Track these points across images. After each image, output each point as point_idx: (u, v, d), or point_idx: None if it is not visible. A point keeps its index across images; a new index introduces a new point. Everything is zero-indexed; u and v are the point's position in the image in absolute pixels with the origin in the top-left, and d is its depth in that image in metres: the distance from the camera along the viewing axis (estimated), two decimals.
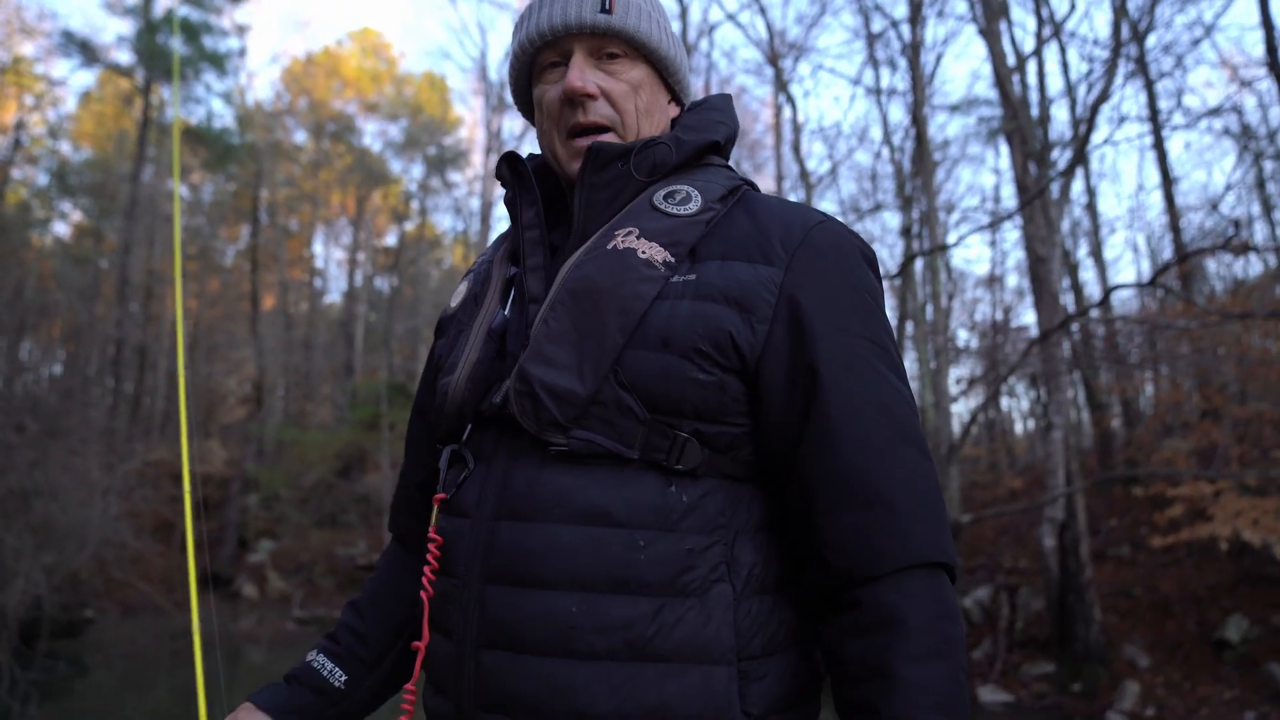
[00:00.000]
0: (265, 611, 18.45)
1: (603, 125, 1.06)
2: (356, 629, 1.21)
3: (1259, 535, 7.30)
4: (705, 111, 1.13)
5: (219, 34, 19.51)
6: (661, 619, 0.89)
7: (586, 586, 0.89)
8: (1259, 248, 11.22)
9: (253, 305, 24.96)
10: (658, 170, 1.05)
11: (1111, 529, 11.90)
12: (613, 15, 1.05)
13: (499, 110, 20.06)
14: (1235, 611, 8.69)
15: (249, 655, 15.71)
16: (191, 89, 19.64)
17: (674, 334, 0.93)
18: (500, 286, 1.09)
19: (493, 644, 0.92)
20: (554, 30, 1.06)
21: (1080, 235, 18.58)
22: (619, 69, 1.08)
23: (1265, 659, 7.98)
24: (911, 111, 8.97)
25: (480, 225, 20.36)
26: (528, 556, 0.92)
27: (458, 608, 0.95)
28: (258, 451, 22.95)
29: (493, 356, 1.03)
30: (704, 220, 1.01)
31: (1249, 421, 10.47)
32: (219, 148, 21.01)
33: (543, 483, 0.94)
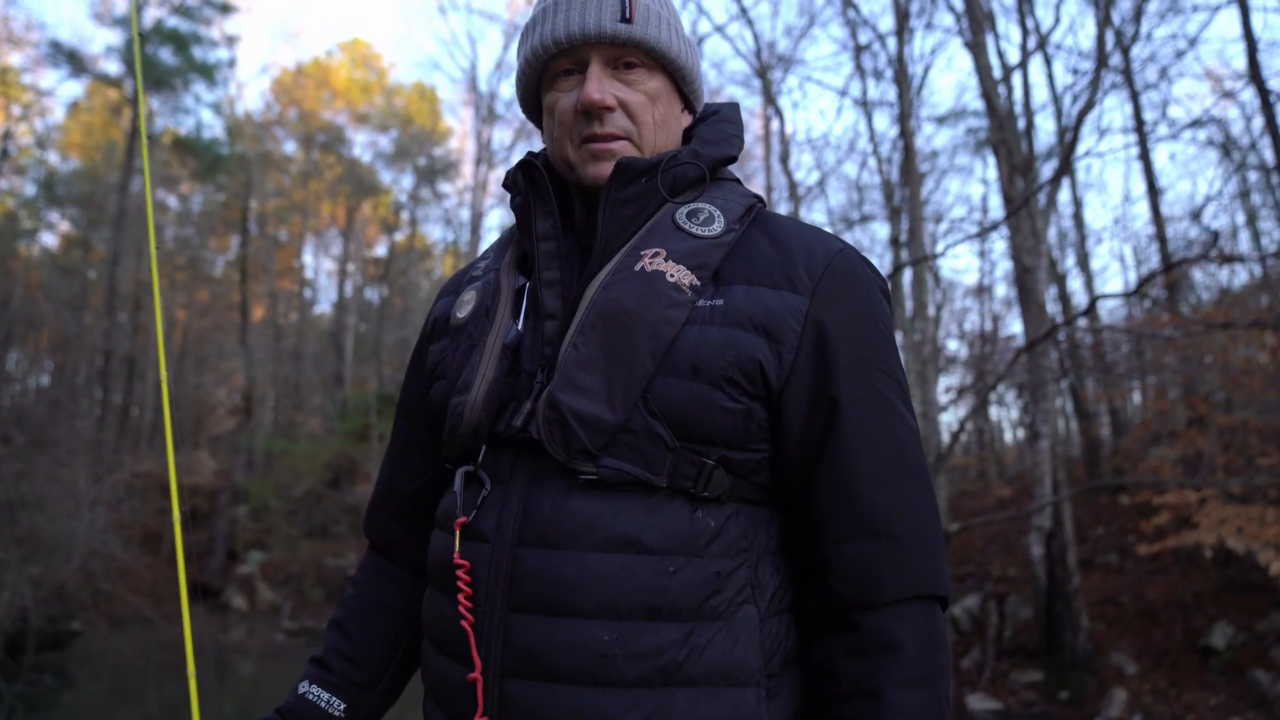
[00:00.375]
0: (255, 623, 18.35)
1: (618, 136, 1.04)
2: (346, 652, 1.18)
3: (1243, 543, 7.37)
4: (719, 124, 1.13)
5: (208, 45, 19.52)
6: (691, 643, 0.89)
7: (619, 614, 0.89)
8: (1240, 257, 11.35)
9: (242, 316, 24.90)
10: (679, 185, 1.04)
11: (1099, 537, 11.97)
12: (633, 25, 1.02)
13: (489, 121, 20.11)
14: (1221, 618, 8.75)
15: (238, 667, 15.62)
16: (180, 99, 19.64)
17: (704, 362, 0.93)
18: (511, 298, 1.06)
19: (518, 673, 0.90)
20: (570, 38, 1.02)
21: (1068, 245, 18.74)
22: (637, 79, 1.05)
23: (1250, 665, 8.04)
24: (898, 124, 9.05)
25: (470, 236, 20.37)
26: (559, 585, 0.90)
27: (479, 637, 0.93)
28: (247, 462, 22.85)
29: (507, 374, 1.01)
30: (726, 242, 1.00)
31: (1234, 430, 10.56)
32: (208, 158, 20.99)
33: (571, 511, 0.92)
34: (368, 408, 18.58)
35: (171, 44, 18.55)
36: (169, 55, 18.68)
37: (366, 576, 1.24)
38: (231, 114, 24.38)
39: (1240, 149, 18.71)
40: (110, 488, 14.65)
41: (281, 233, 29.60)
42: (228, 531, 20.47)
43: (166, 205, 26.59)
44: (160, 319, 1.24)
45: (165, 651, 15.49)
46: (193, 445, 23.95)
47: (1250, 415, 10.31)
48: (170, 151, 21.82)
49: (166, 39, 18.36)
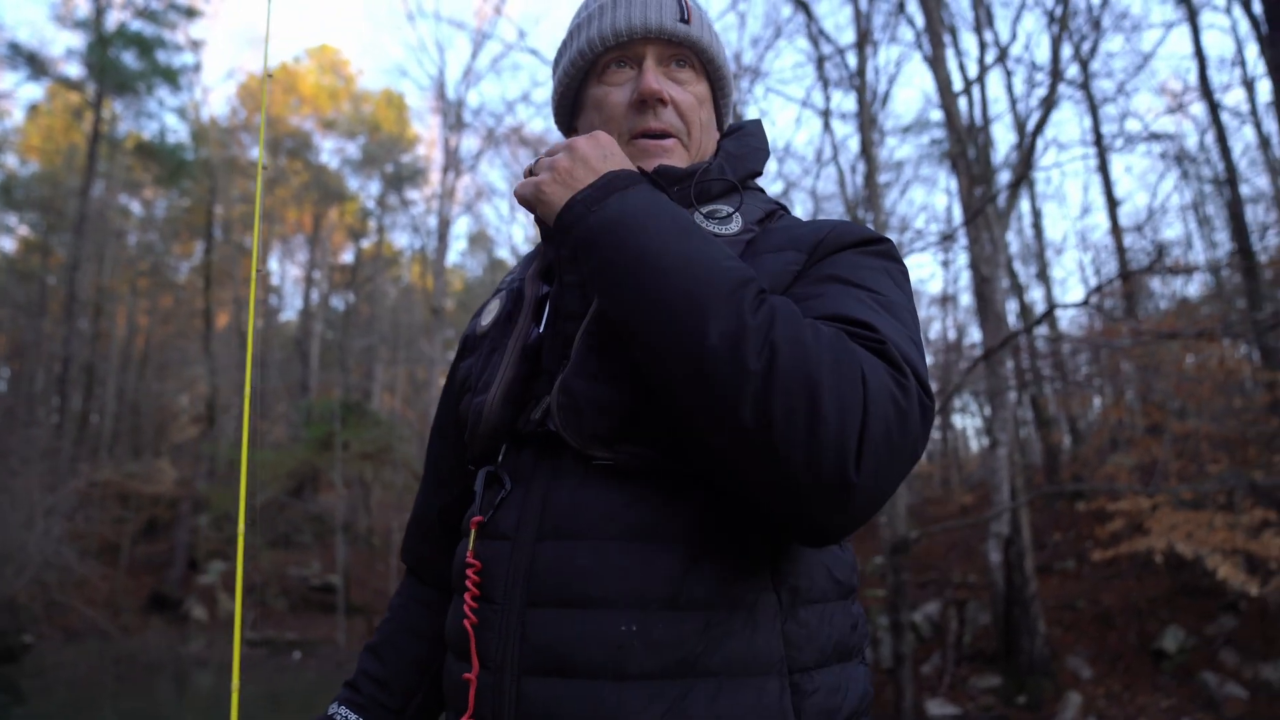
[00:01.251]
0: (215, 634, 18.05)
1: (669, 133, 1.06)
2: (376, 675, 1.16)
3: (1191, 548, 7.52)
4: (745, 138, 1.14)
5: (173, 49, 19.30)
6: (711, 633, 0.86)
7: (639, 604, 0.86)
8: (1183, 268, 11.61)
9: (206, 322, 24.57)
10: (704, 197, 1.05)
11: (1057, 543, 12.16)
12: (690, 26, 1.06)
13: (456, 129, 20.06)
14: (1172, 623, 8.92)
15: (198, 679, 15.35)
16: (144, 104, 19.39)
17: None
18: (533, 304, 1.07)
19: (536, 670, 0.88)
20: (631, 31, 1.04)
21: (1030, 256, 19.06)
22: (687, 79, 1.08)
23: (1200, 668, 8.20)
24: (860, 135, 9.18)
25: (438, 243, 20.29)
26: (576, 576, 0.88)
27: (496, 635, 0.91)
28: (209, 471, 22.52)
29: (528, 375, 1.01)
30: (744, 240, 1.01)
31: (1187, 437, 10.78)
32: (172, 163, 20.72)
33: (588, 499, 0.91)
34: (332, 415, 18.39)
35: (135, 47, 18.31)
36: (132, 59, 18.42)
37: (401, 601, 1.24)
38: (196, 119, 24.12)
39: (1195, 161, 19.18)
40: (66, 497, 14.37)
41: (247, 239, 29.29)
42: (189, 541, 20.14)
43: (130, 210, 26.23)
44: (250, 353, 1.24)
45: (121, 665, 15.20)
46: (154, 453, 23.58)
47: (1202, 423, 10.54)
48: (133, 156, 21.53)
49: (130, 42, 18.12)
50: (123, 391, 25.44)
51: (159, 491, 21.61)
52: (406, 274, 30.50)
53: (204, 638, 17.81)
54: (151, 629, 17.83)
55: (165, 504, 21.36)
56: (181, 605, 18.83)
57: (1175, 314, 13.59)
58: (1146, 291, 20.27)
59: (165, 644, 17.19)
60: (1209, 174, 18.50)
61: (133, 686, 14.03)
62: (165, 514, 21.17)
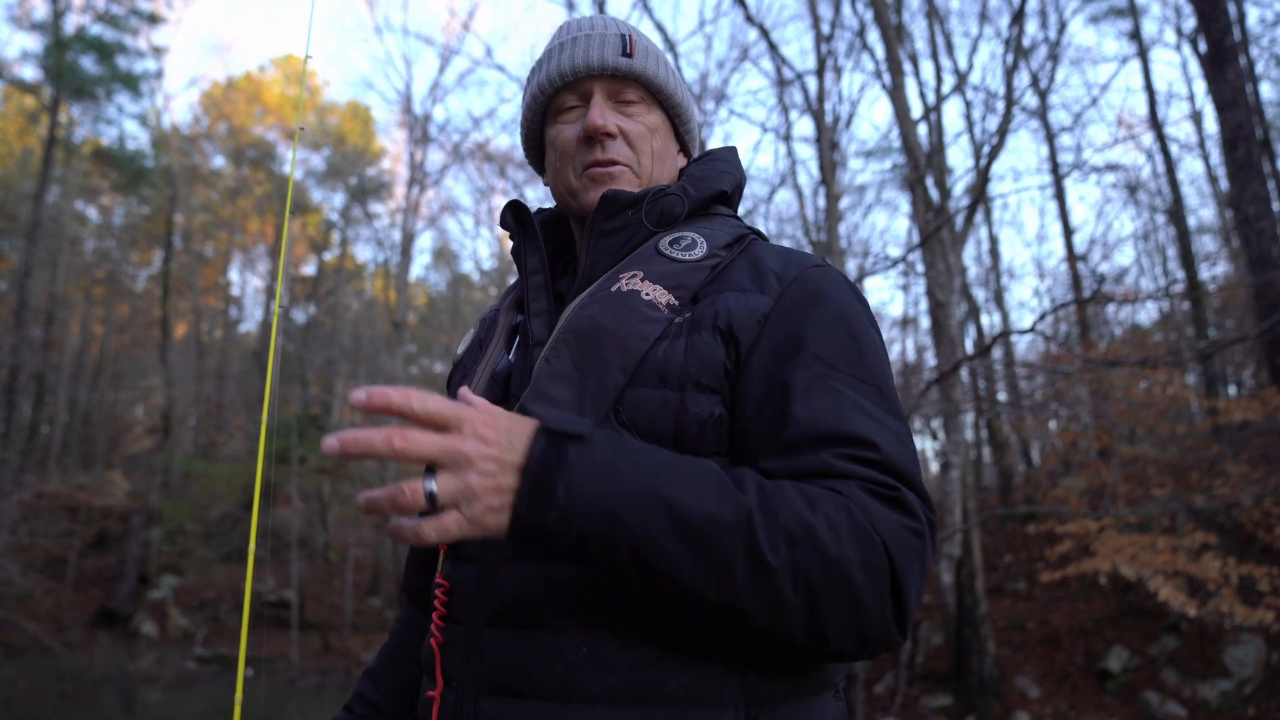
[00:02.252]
0: (165, 650, 17.66)
1: (618, 162, 1.08)
2: (370, 698, 1.21)
3: (1135, 570, 7.70)
4: (712, 162, 1.15)
5: (134, 55, 19.05)
6: (666, 662, 0.86)
7: (589, 625, 0.87)
8: (1119, 298, 11.94)
9: (163, 332, 24.15)
10: (665, 219, 1.06)
11: (1009, 565, 12.35)
12: (634, 59, 1.09)
13: (422, 143, 20.02)
14: (1117, 643, 9.10)
15: (146, 697, 15.00)
16: (103, 109, 19.11)
17: (670, 369, 0.93)
18: (505, 332, 1.10)
19: (491, 689, 0.89)
20: (575, 71, 1.09)
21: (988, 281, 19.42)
22: (636, 112, 1.11)
23: (1142, 687, 8.38)
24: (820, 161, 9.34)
25: (401, 257, 20.19)
26: (529, 596, 0.90)
27: (459, 654, 0.93)
28: (163, 484, 22.09)
29: (496, 400, 1.02)
30: (708, 265, 1.01)
31: (1134, 462, 11.04)
32: (131, 170, 20.40)
33: None
34: (290, 429, 18.16)
35: (94, 52, 18.05)
36: (91, 64, 18.16)
37: (398, 628, 1.27)
38: (158, 126, 23.81)
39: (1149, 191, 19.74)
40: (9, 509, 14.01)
41: (208, 249, 28.89)
42: (140, 555, 19.72)
43: (86, 216, 25.77)
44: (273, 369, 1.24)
45: (65, 682, 14.82)
46: (105, 465, 23.08)
47: (1149, 448, 10.80)
48: (91, 162, 21.18)
49: (89, 47, 17.87)
50: (74, 401, 24.90)
51: (110, 504, 21.16)
52: (369, 288, 30.27)
53: (154, 654, 17.41)
54: (98, 645, 17.40)
55: (116, 517, 20.91)
56: (131, 620, 18.40)
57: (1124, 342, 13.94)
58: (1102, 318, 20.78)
59: (112, 660, 16.78)
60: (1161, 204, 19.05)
61: (77, 704, 13.67)
62: (116, 527, 20.73)
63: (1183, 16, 15.80)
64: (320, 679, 16.36)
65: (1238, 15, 14.34)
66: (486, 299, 28.11)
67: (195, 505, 20.40)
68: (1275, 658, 7.97)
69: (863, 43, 9.99)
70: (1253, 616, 7.20)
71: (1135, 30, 15.23)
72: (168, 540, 20.38)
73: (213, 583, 19.79)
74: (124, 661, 16.84)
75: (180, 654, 17.49)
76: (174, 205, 24.19)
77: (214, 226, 27.93)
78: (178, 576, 19.76)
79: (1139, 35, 15.18)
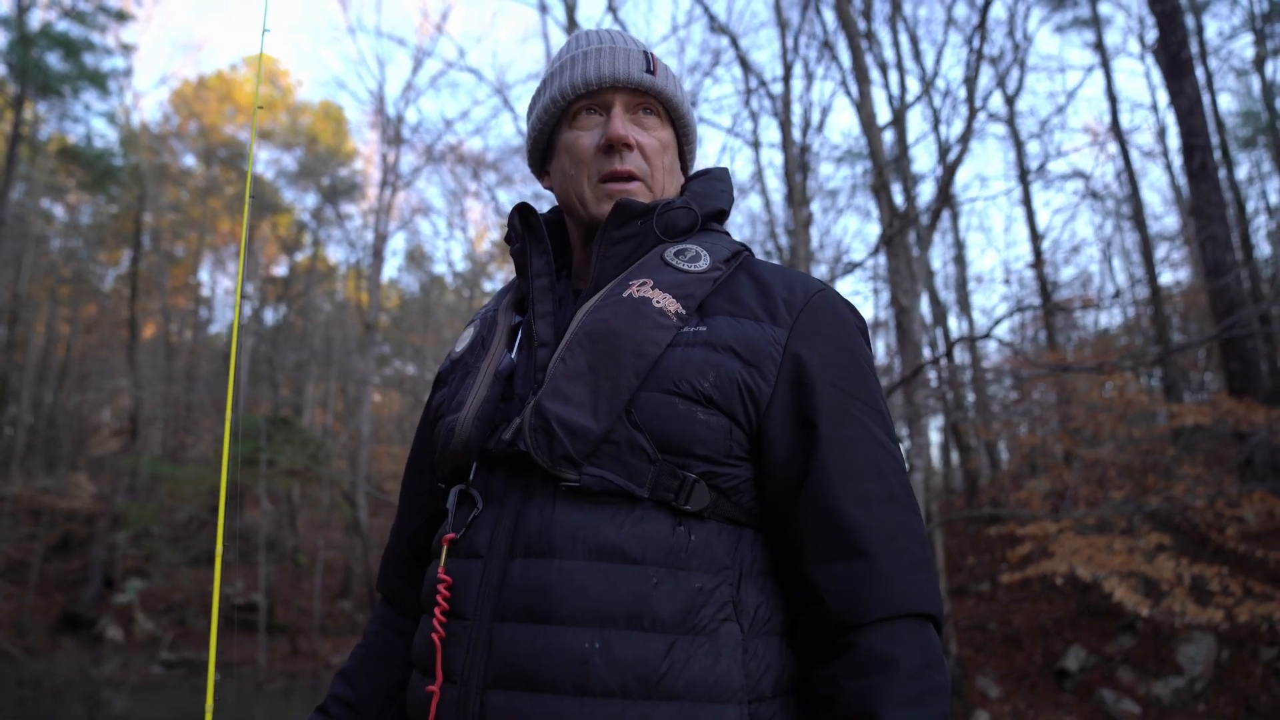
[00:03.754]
0: (131, 655, 17.44)
1: (634, 175, 1.11)
2: (346, 699, 1.20)
3: (1090, 571, 7.85)
4: (711, 181, 1.19)
5: (101, 52, 18.83)
6: (673, 656, 0.89)
7: (601, 622, 0.90)
8: (1071, 305, 12.16)
9: (131, 333, 23.85)
10: (671, 230, 1.10)
11: (972, 566, 12.52)
12: (655, 77, 1.14)
13: (395, 144, 19.95)
14: (1075, 642, 9.27)
15: (111, 703, 14.81)
16: (69, 107, 18.87)
17: (686, 378, 0.97)
18: (506, 333, 1.12)
19: (500, 683, 0.91)
20: (600, 81, 1.12)
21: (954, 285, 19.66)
22: (652, 126, 1.15)
23: (1098, 686, 8.54)
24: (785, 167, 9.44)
25: (373, 259, 20.10)
26: (542, 592, 0.92)
27: (463, 649, 0.94)
28: (130, 486, 21.80)
29: (500, 397, 1.05)
30: (711, 278, 1.06)
31: (1094, 465, 11.24)
32: (98, 168, 20.15)
33: (556, 520, 0.95)
34: (258, 431, 18.00)
35: (61, 49, 17.82)
36: (57, 60, 17.93)
37: (374, 628, 1.27)
38: (126, 124, 23.52)
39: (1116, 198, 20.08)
40: None
41: (178, 248, 28.58)
42: (105, 558, 19.45)
43: (52, 215, 25.40)
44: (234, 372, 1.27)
45: (26, 688, 14.61)
46: (70, 467, 22.76)
47: (1108, 451, 10.99)
48: (57, 160, 20.90)
49: (55, 43, 17.64)
50: (39, 403, 24.53)
51: (74, 507, 20.85)
52: (341, 289, 30.07)
53: (119, 659, 17.20)
54: (61, 650, 17.16)
55: (81, 520, 20.61)
56: (95, 625, 18.15)
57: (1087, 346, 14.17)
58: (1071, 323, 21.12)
59: (75, 666, 16.55)
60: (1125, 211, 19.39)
61: (38, 711, 13.48)
62: (80, 530, 20.43)
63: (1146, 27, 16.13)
64: (288, 682, 16.25)
65: (1196, 27, 14.66)
66: (459, 301, 28.03)
67: (162, 508, 20.16)
68: (1225, 655, 8.16)
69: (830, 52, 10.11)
70: (1203, 615, 7.38)
71: (1098, 40, 15.51)
72: (134, 543, 20.11)
73: (180, 586, 19.57)
74: (88, 667, 16.62)
75: (146, 658, 17.29)
76: (143, 204, 23.90)
77: (184, 226, 27.63)
78: (144, 580, 19.51)
79: (1102, 45, 15.46)
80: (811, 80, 12.75)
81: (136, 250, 24.83)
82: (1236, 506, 8.87)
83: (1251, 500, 8.76)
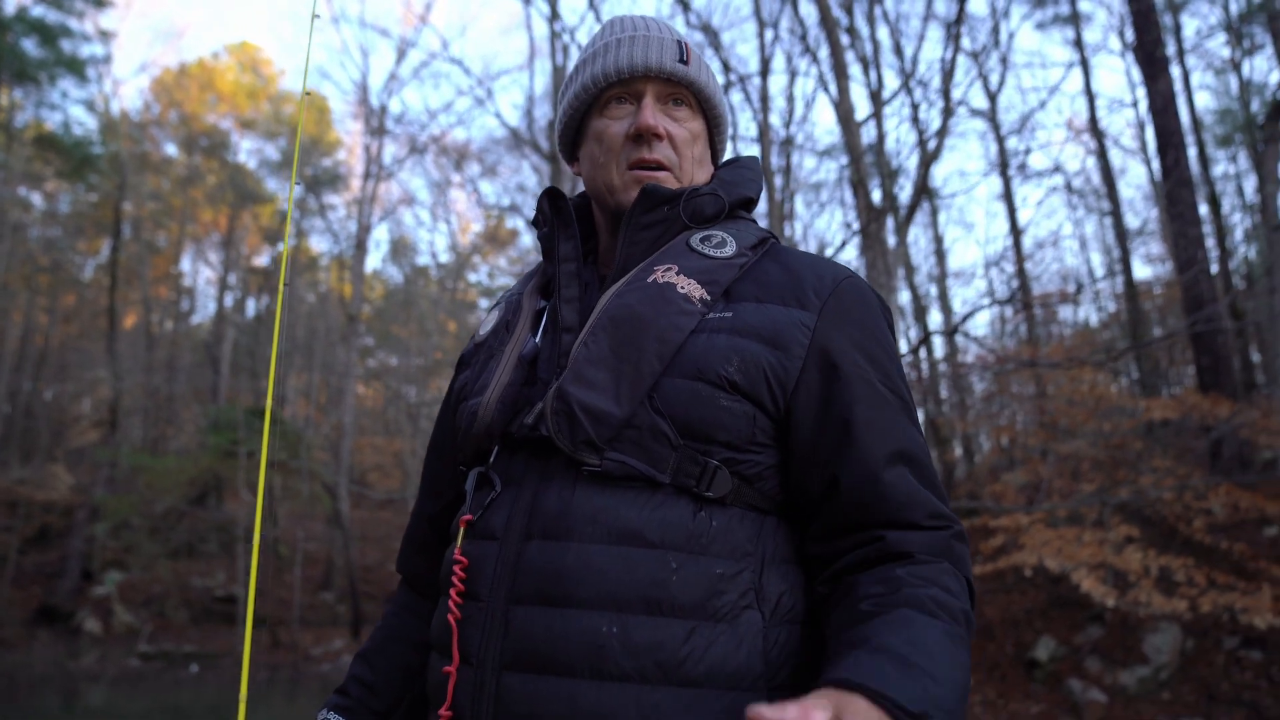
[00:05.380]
0: (109, 647, 17.37)
1: (663, 165, 1.11)
2: (365, 680, 1.20)
3: (1059, 562, 7.96)
4: (740, 169, 1.19)
5: (79, 39, 18.64)
6: (693, 642, 0.89)
7: (619, 606, 0.89)
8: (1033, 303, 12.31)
9: (110, 323, 23.67)
10: (697, 217, 1.10)
11: None
12: (689, 67, 1.13)
13: (379, 135, 19.87)
14: (1046, 633, 9.39)
15: (89, 696, 14.75)
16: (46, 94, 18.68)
17: (709, 364, 0.96)
18: (531, 316, 1.12)
19: (516, 665, 0.90)
20: (633, 70, 1.11)
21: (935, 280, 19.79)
22: (683, 117, 1.14)
23: (1067, 675, 8.66)
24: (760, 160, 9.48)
25: (356, 250, 20.03)
26: (560, 575, 0.91)
27: (479, 631, 0.94)
28: (109, 478, 21.68)
29: (523, 381, 1.05)
30: (738, 264, 1.06)
31: (1068, 458, 11.37)
32: (76, 156, 19.96)
33: (576, 503, 0.94)
34: (238, 423, 17.94)
35: (37, 35, 17.63)
36: (34, 46, 17.73)
37: (394, 609, 1.27)
38: (106, 112, 23.30)
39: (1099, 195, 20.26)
40: None
41: (159, 238, 28.36)
42: (83, 550, 19.34)
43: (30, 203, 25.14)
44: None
45: (1, 681, 14.54)
46: (48, 458, 22.60)
47: (1081, 444, 11.13)
48: (34, 148, 20.69)
49: (31, 29, 17.45)
50: (16, 393, 24.32)
51: (52, 498, 20.73)
52: (325, 280, 29.94)
53: (97, 651, 17.12)
54: (38, 643, 17.07)
55: (59, 512, 20.48)
56: (73, 618, 18.06)
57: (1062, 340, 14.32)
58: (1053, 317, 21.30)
59: (52, 659, 16.47)
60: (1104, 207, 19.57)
61: (13, 704, 13.41)
62: (58, 522, 20.30)
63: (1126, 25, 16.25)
64: (269, 674, 16.22)
65: (1174, 26, 14.79)
66: (443, 293, 27.95)
67: (142, 500, 20.06)
68: (1189, 644, 8.30)
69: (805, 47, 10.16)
70: (1168, 606, 7.50)
71: (1078, 38, 15.64)
72: (113, 535, 20.01)
73: (159, 578, 19.50)
74: (65, 659, 16.54)
75: (124, 651, 17.22)
76: (123, 193, 23.70)
77: (165, 216, 27.42)
78: (123, 572, 19.43)
79: (1081, 42, 15.58)
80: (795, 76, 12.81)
81: (116, 239, 24.62)
82: (1204, 499, 9.02)
83: (1218, 493, 8.90)
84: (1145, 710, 7.85)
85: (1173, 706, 7.77)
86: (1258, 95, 15.96)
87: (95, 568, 19.40)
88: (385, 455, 24.81)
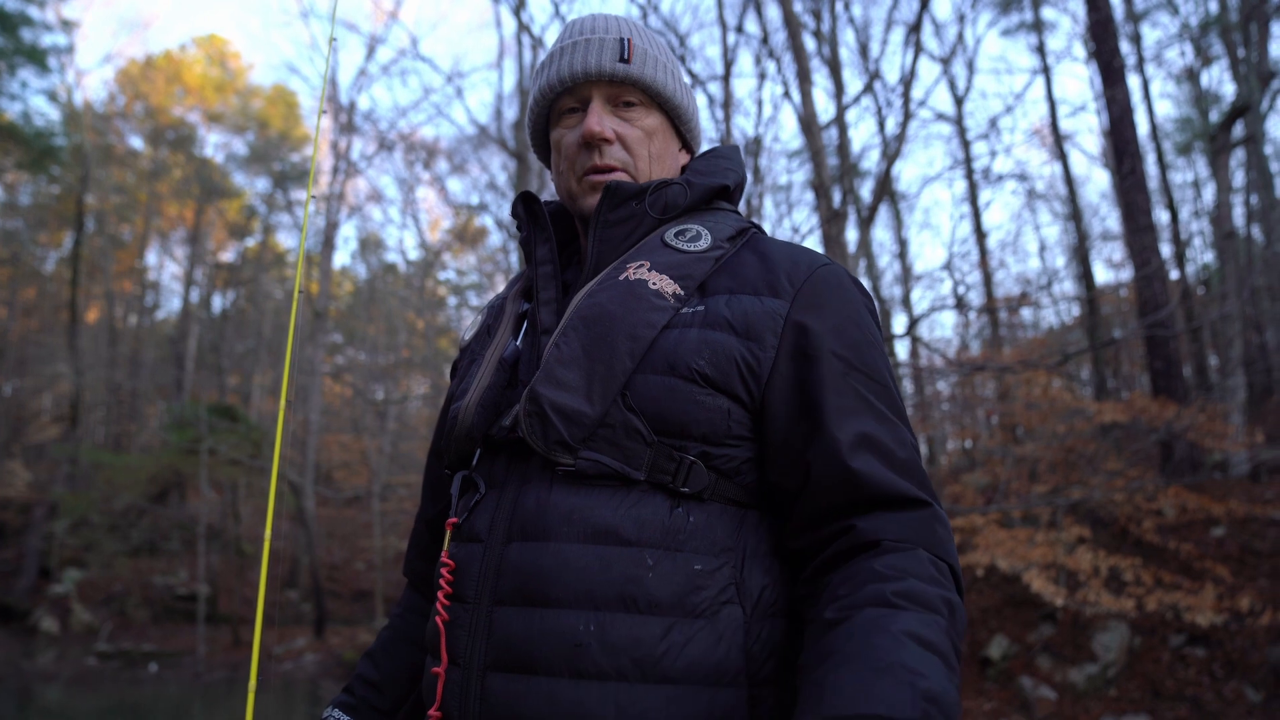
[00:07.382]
0: (66, 646, 17.10)
1: (615, 168, 1.10)
2: (370, 679, 1.21)
3: (1010, 563, 8.10)
4: (715, 159, 1.18)
5: (40, 27, 18.32)
6: (671, 639, 0.89)
7: (596, 605, 0.89)
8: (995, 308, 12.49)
9: (72, 317, 23.30)
10: (669, 210, 1.09)
11: None
12: (630, 65, 1.11)
13: (348, 131, 19.72)
14: (1000, 631, 9.53)
15: (44, 695, 14.53)
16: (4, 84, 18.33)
17: (680, 358, 0.96)
18: (513, 320, 1.13)
19: (499, 666, 0.91)
20: (574, 77, 1.11)
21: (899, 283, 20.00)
22: (635, 116, 1.13)
23: (1019, 673, 8.80)
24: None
25: (324, 246, 19.87)
26: (537, 575, 0.92)
27: (465, 632, 0.94)
28: (69, 475, 21.34)
29: (504, 384, 1.05)
30: (713, 257, 1.05)
31: (1024, 460, 11.55)
32: (37, 147, 19.62)
33: (552, 503, 0.94)
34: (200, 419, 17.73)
35: None
36: None
37: (400, 610, 1.29)
38: (69, 103, 22.91)
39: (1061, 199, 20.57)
40: None
41: (124, 231, 27.94)
42: (41, 548, 19.03)
43: None
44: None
45: None
46: (5, 454, 22.19)
47: (1038, 446, 11.31)
48: None
49: None
50: None
51: (9, 495, 20.38)
52: (292, 276, 29.65)
53: (54, 650, 16.86)
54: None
55: (16, 509, 20.14)
56: (29, 617, 17.77)
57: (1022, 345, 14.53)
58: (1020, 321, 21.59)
59: (6, 658, 16.20)
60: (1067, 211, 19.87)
61: None
62: (15, 519, 19.96)
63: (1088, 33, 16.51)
64: (230, 673, 16.05)
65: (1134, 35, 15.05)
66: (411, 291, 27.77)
67: (102, 497, 19.77)
68: (1137, 642, 8.47)
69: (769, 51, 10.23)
70: (1115, 604, 7.66)
71: (1040, 45, 15.88)
72: (72, 533, 19.71)
73: (119, 577, 19.23)
74: (19, 659, 16.27)
75: (82, 650, 16.97)
76: (85, 185, 23.32)
77: (129, 209, 27.01)
78: (82, 570, 19.14)
79: (1043, 50, 15.82)
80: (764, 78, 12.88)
81: (79, 232, 24.23)
82: (1154, 501, 9.20)
83: (1167, 495, 9.09)
84: (1093, 707, 8.00)
85: (1119, 703, 7.93)
86: (1215, 105, 16.29)
87: (53, 566, 19.09)
88: (352, 453, 24.64)
